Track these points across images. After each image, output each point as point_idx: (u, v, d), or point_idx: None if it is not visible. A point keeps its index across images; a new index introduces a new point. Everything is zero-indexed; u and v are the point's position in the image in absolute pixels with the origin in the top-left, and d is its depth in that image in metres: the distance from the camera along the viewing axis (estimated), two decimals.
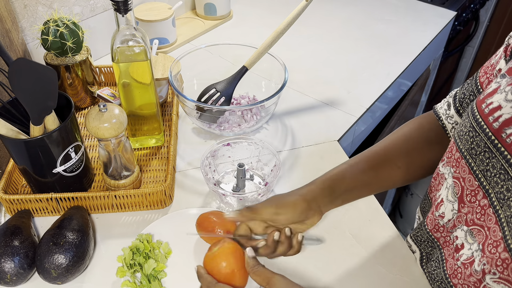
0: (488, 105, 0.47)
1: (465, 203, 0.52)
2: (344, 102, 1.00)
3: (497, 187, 0.45)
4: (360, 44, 1.22)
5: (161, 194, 0.71)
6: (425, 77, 1.49)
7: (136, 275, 0.62)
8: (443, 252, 0.57)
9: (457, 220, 0.53)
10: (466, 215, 0.52)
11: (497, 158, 0.45)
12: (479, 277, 0.48)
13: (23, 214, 0.68)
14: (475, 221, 0.50)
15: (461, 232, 0.53)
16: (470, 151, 0.49)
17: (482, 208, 0.48)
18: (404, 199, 2.00)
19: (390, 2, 1.44)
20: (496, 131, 0.45)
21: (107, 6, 1.07)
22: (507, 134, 0.43)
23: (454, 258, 0.53)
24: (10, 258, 0.59)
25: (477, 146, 0.48)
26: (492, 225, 0.46)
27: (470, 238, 0.51)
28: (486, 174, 0.47)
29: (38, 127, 0.63)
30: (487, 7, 1.94)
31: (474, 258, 0.49)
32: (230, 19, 1.32)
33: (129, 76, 0.72)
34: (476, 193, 0.49)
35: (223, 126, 0.86)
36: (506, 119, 0.44)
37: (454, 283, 0.53)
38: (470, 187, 0.50)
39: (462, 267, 0.51)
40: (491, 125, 0.46)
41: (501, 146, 0.44)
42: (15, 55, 0.86)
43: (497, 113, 0.45)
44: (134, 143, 0.83)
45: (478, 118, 0.48)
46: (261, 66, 0.89)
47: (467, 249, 0.51)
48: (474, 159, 0.49)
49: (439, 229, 0.57)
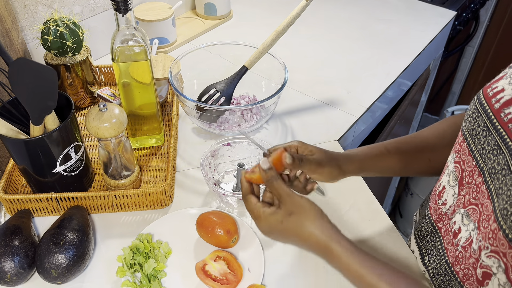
0: (493, 89, 0.49)
1: (464, 186, 0.53)
2: (344, 102, 1.00)
3: (490, 163, 0.47)
4: (360, 43, 1.22)
5: (161, 194, 0.71)
6: (425, 77, 1.49)
7: (136, 275, 0.62)
8: (443, 242, 0.57)
9: (457, 205, 0.54)
10: (464, 197, 0.52)
11: (492, 136, 0.47)
12: (476, 256, 0.49)
13: (23, 214, 0.68)
14: (471, 201, 0.51)
15: (458, 216, 0.53)
16: (471, 132, 0.51)
17: (477, 186, 0.50)
18: (404, 199, 2.00)
19: (390, 1, 1.44)
20: (496, 111, 0.47)
21: (107, 6, 1.07)
22: (505, 113, 0.46)
23: (454, 245, 0.54)
24: (10, 258, 0.59)
25: (477, 127, 0.50)
26: (485, 200, 0.48)
27: (466, 219, 0.52)
28: (482, 153, 0.49)
29: (38, 127, 0.63)
30: (487, 7, 1.93)
31: (472, 238, 0.50)
32: (230, 19, 1.32)
33: (129, 76, 0.72)
34: (473, 173, 0.51)
35: (223, 126, 0.86)
36: (507, 100, 0.46)
37: (457, 270, 0.53)
38: (468, 168, 0.52)
39: (462, 251, 0.52)
40: (492, 106, 0.48)
41: (498, 124, 0.46)
42: (15, 55, 0.86)
43: (500, 95, 0.47)
44: (134, 143, 0.83)
45: (482, 101, 0.50)
46: (261, 66, 0.89)
47: (464, 231, 0.52)
48: (473, 140, 0.51)
49: (442, 217, 0.58)
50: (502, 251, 0.44)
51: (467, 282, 0.51)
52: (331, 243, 0.49)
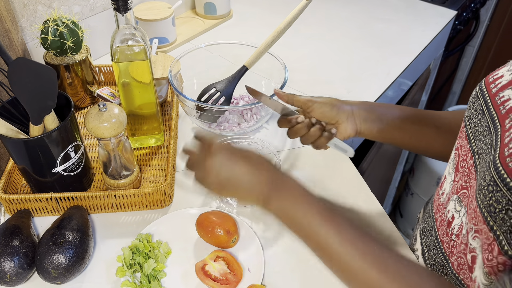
0: (494, 76, 0.50)
1: (458, 171, 0.53)
2: None
3: (480, 144, 0.48)
4: (360, 43, 1.22)
5: (160, 194, 0.71)
6: (426, 77, 1.49)
7: (135, 275, 0.62)
8: (438, 234, 0.57)
9: (451, 192, 0.54)
10: (457, 182, 0.53)
11: (485, 118, 0.48)
12: (465, 241, 0.48)
13: (23, 214, 0.68)
14: (463, 185, 0.51)
15: (452, 204, 0.53)
16: (469, 116, 0.52)
17: (469, 169, 0.50)
18: (404, 198, 1.99)
19: (390, 1, 1.44)
20: (493, 95, 0.48)
21: (107, 5, 1.07)
22: (500, 97, 0.47)
23: (448, 234, 0.54)
24: (10, 258, 0.59)
25: (474, 111, 0.51)
26: (473, 182, 0.48)
27: (458, 205, 0.52)
28: (475, 135, 0.49)
29: (38, 127, 0.63)
30: (488, 7, 1.93)
31: (463, 224, 0.50)
32: (230, 18, 1.32)
33: (129, 76, 0.72)
34: (466, 157, 0.51)
35: (223, 125, 0.86)
36: (503, 85, 0.47)
37: (452, 261, 0.53)
38: (463, 152, 0.52)
39: (456, 239, 0.51)
40: (490, 91, 0.49)
41: (492, 106, 0.47)
42: (14, 54, 0.86)
43: (498, 81, 0.48)
44: (133, 142, 0.83)
45: (483, 87, 0.50)
46: (261, 65, 0.88)
47: (457, 218, 0.52)
48: (470, 124, 0.51)
49: (439, 208, 0.58)
50: (480, 228, 0.43)
51: (461, 272, 0.51)
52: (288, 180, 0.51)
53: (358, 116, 0.65)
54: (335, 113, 0.64)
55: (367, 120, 0.65)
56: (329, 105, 0.63)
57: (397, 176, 1.80)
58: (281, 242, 0.69)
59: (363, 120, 0.65)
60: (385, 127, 0.65)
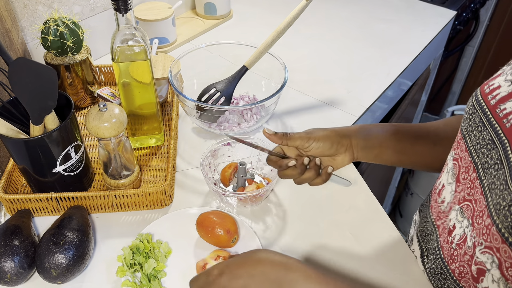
0: (490, 86, 0.49)
1: (460, 182, 0.53)
2: (344, 101, 0.99)
3: (483, 158, 0.48)
4: (360, 43, 1.22)
5: (161, 194, 0.71)
6: (425, 77, 1.49)
7: (136, 274, 0.62)
8: (439, 240, 0.57)
9: (453, 202, 0.54)
10: (459, 193, 0.53)
11: (487, 131, 0.47)
12: (471, 253, 0.49)
13: (23, 214, 0.68)
14: (466, 197, 0.51)
15: (453, 213, 0.53)
16: (468, 128, 0.52)
17: (472, 182, 0.50)
18: (404, 198, 2.00)
19: (390, 1, 1.44)
20: (492, 107, 0.48)
21: (107, 5, 1.07)
22: (501, 109, 0.46)
23: (448, 242, 0.54)
24: (10, 258, 0.59)
25: (473, 123, 0.50)
26: (478, 196, 0.48)
27: (460, 216, 0.52)
28: (476, 148, 0.49)
29: (38, 127, 0.63)
30: (487, 7, 1.93)
31: (466, 235, 0.50)
32: (230, 18, 1.32)
33: (129, 76, 0.72)
34: (468, 169, 0.51)
35: (223, 125, 0.86)
36: (503, 96, 0.47)
37: (452, 269, 0.53)
38: (465, 164, 0.52)
39: (457, 248, 0.52)
40: (488, 103, 0.48)
41: (493, 119, 0.47)
42: (15, 54, 0.86)
43: (496, 91, 0.48)
44: (134, 142, 0.83)
45: (479, 97, 0.50)
46: (261, 65, 0.88)
47: (458, 228, 0.52)
48: (469, 136, 0.51)
49: (440, 215, 0.58)
50: (495, 246, 0.43)
51: (463, 280, 0.51)
52: (289, 260, 0.49)
53: (356, 146, 0.64)
54: (334, 150, 0.62)
55: (364, 149, 0.64)
56: (328, 143, 0.61)
57: (396, 176, 1.81)
58: (281, 242, 0.69)
59: (361, 149, 0.64)
60: (382, 151, 0.65)
